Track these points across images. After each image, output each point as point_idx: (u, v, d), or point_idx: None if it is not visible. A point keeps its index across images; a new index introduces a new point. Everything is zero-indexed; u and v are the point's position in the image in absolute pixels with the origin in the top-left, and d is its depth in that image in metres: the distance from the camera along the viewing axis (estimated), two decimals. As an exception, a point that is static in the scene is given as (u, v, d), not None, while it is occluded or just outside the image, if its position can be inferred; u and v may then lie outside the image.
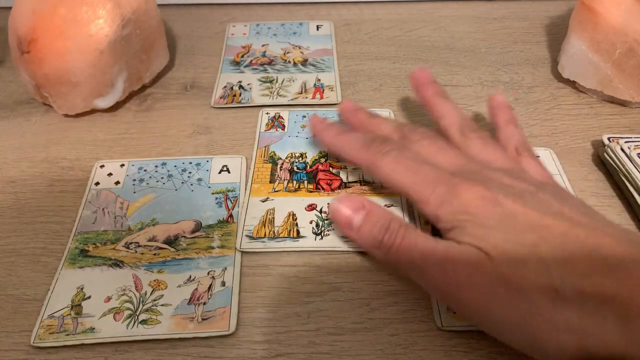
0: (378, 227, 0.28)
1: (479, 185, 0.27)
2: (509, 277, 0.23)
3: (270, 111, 0.42)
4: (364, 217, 0.29)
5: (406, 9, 0.55)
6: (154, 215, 0.34)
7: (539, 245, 0.24)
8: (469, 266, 0.24)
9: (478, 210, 0.26)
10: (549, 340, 0.22)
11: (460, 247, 0.25)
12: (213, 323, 0.28)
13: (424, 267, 0.26)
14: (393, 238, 0.27)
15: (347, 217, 0.29)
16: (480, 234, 0.25)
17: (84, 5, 0.38)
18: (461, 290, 0.25)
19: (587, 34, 0.40)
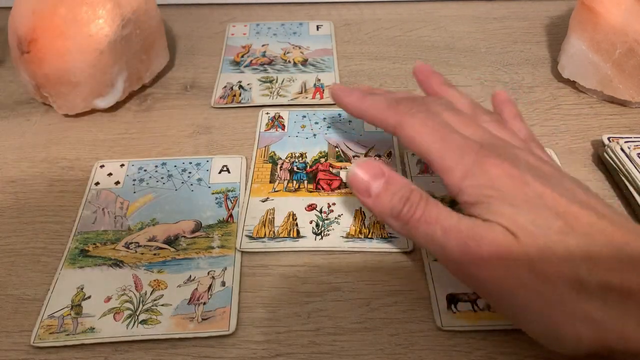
0: (398, 197, 0.26)
1: (508, 162, 0.26)
2: (535, 262, 0.23)
3: (270, 111, 0.42)
4: (384, 185, 0.27)
5: (406, 9, 0.55)
6: (154, 215, 0.34)
7: (567, 233, 0.23)
8: (493, 245, 0.23)
9: (506, 188, 0.25)
10: (568, 330, 0.22)
11: (486, 225, 0.24)
12: (213, 323, 0.28)
13: (445, 243, 0.25)
14: (413, 210, 0.26)
15: (365, 183, 0.27)
16: (508, 212, 0.24)
17: (84, 5, 0.38)
18: (481, 269, 0.24)
19: (587, 34, 0.40)
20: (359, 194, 0.28)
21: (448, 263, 0.26)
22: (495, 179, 0.25)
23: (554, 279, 0.23)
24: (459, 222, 0.25)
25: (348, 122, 0.41)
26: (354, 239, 0.32)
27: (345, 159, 0.38)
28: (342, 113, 0.42)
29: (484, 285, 0.24)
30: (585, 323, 0.22)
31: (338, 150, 0.38)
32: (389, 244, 0.32)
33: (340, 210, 0.34)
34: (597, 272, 0.22)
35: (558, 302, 0.22)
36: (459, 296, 0.29)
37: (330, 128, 0.40)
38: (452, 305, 0.29)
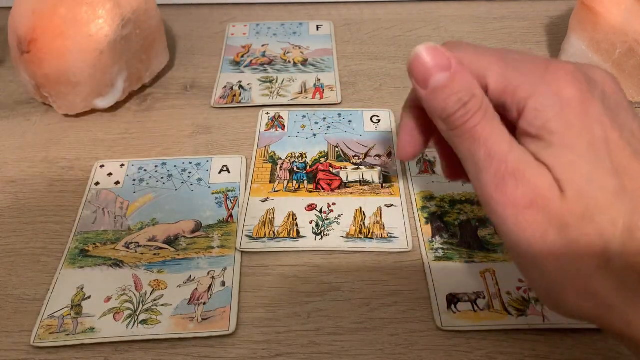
0: (455, 99, 0.23)
1: (584, 82, 0.22)
2: (571, 225, 0.21)
3: (270, 111, 0.42)
4: (447, 80, 0.23)
5: (406, 9, 0.55)
6: (154, 215, 0.34)
7: (618, 197, 0.21)
8: (534, 193, 0.21)
9: (575, 120, 0.22)
10: (572, 301, 0.21)
11: (536, 167, 0.22)
12: (213, 323, 0.28)
13: (483, 168, 0.22)
14: (467, 118, 0.23)
15: (427, 71, 0.24)
16: (567, 160, 0.21)
17: (84, 5, 0.38)
18: (509, 212, 0.22)
19: (587, 34, 0.40)
20: (416, 81, 0.24)
21: (479, 191, 0.23)
22: (567, 104, 0.22)
23: (582, 247, 0.21)
24: (509, 152, 0.22)
25: (348, 122, 0.41)
26: (354, 239, 0.32)
27: (345, 159, 0.38)
28: (342, 113, 0.42)
29: (504, 225, 0.22)
30: (592, 300, 0.21)
31: (338, 150, 0.38)
32: (389, 244, 0.32)
33: (340, 210, 0.34)
34: (629, 252, 0.21)
35: (574, 271, 0.21)
36: (459, 296, 0.29)
37: (330, 128, 0.40)
38: (452, 305, 0.29)
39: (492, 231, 0.32)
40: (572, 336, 0.27)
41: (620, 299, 0.21)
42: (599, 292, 0.21)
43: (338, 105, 0.43)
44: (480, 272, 0.30)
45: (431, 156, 0.37)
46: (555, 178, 0.21)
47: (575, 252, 0.21)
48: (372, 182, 0.36)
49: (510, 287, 0.29)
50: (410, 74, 0.25)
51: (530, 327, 0.28)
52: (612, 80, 0.24)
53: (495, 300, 0.29)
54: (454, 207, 0.34)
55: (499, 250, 0.31)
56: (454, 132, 0.24)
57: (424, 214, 0.34)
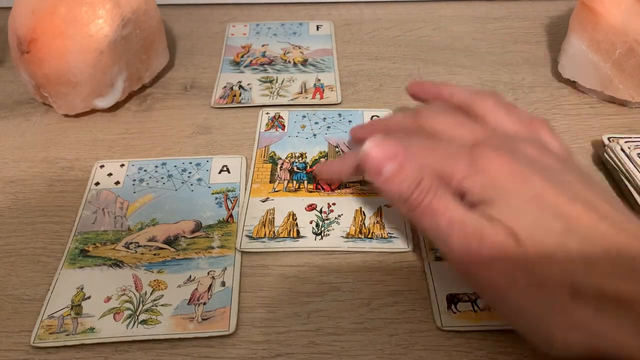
0: (408, 182, 0.26)
1: (506, 156, 0.25)
2: (534, 266, 0.23)
3: (270, 111, 0.42)
4: (396, 168, 0.26)
5: (406, 9, 0.55)
6: (154, 215, 0.34)
7: (567, 236, 0.23)
8: (495, 247, 0.23)
9: (507, 186, 0.25)
10: (559, 335, 0.22)
11: (489, 224, 0.24)
12: (213, 323, 0.28)
13: (448, 236, 0.25)
14: (422, 197, 0.25)
15: (378, 163, 0.26)
16: (511, 213, 0.24)
17: (84, 5, 0.38)
18: (480, 268, 0.24)
19: (587, 34, 0.40)
20: (370, 172, 0.27)
21: (449, 257, 0.26)
22: (496, 176, 0.25)
23: (550, 283, 0.22)
24: (465, 217, 0.25)
25: (348, 122, 0.41)
26: (354, 239, 0.32)
27: (345, 159, 0.38)
28: (342, 113, 0.42)
29: (481, 284, 0.24)
30: (577, 330, 0.22)
31: (338, 150, 0.38)
32: (389, 244, 0.32)
33: (340, 210, 0.34)
34: (594, 278, 0.22)
35: (552, 307, 0.22)
36: (459, 296, 0.29)
37: (330, 128, 0.40)
38: (452, 305, 0.29)
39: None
40: (572, 336, 0.27)
41: (603, 325, 0.22)
42: (582, 322, 0.22)
43: (338, 105, 0.43)
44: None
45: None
46: (507, 228, 0.23)
47: (547, 286, 0.22)
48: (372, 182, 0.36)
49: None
50: (363, 169, 0.27)
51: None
52: (536, 145, 0.27)
53: (496, 300, 0.29)
54: None
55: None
56: (415, 212, 0.26)
57: (424, 214, 0.34)
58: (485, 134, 0.28)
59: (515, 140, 0.27)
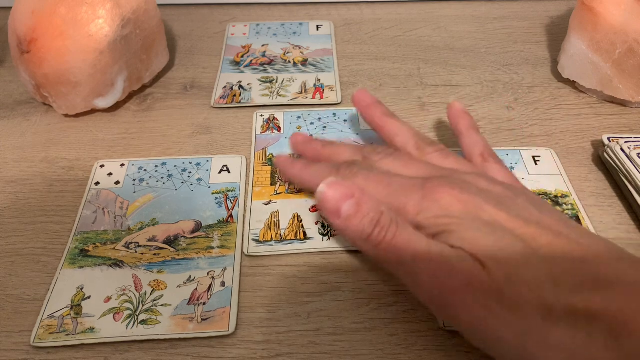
0: (368, 220, 0.26)
1: (456, 188, 0.26)
2: (503, 290, 0.23)
3: (265, 113, 0.42)
4: (354, 207, 0.26)
5: (406, 9, 0.55)
6: (154, 215, 0.34)
7: (528, 256, 0.23)
8: (463, 274, 0.23)
9: (461, 214, 0.25)
10: (540, 359, 0.22)
11: (454, 252, 0.24)
12: (213, 323, 0.28)
13: (415, 269, 0.25)
14: (383, 234, 0.25)
15: (335, 203, 0.26)
16: (470, 237, 0.24)
17: (84, 5, 0.38)
18: (451, 299, 0.24)
19: (587, 34, 0.40)
20: (329, 214, 0.27)
21: (419, 292, 0.26)
22: (448, 206, 0.26)
23: (521, 306, 0.22)
24: (429, 248, 0.25)
25: (343, 121, 0.41)
26: None
27: (345, 159, 0.38)
28: (336, 112, 0.42)
29: (454, 315, 0.24)
30: (557, 351, 0.22)
31: (338, 150, 0.38)
32: None
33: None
34: (562, 294, 0.22)
35: (527, 330, 0.22)
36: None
37: (327, 128, 0.40)
38: (452, 305, 0.29)
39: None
40: (572, 336, 0.27)
41: (578, 342, 0.21)
42: (559, 342, 0.22)
43: (338, 105, 0.43)
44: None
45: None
46: (471, 255, 0.24)
47: (519, 309, 0.22)
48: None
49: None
50: (322, 211, 0.27)
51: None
52: (484, 177, 0.28)
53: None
54: None
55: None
56: (378, 249, 0.26)
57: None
58: (435, 170, 0.29)
59: (464, 174, 0.28)
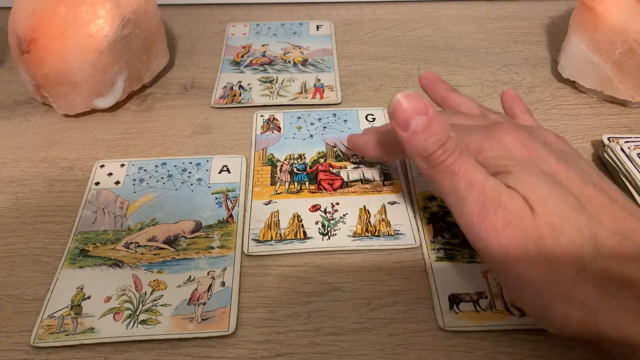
0: (434, 140, 0.25)
1: (523, 133, 0.26)
2: (545, 238, 0.23)
3: (265, 113, 0.42)
4: (424, 124, 0.25)
5: (406, 9, 0.55)
6: (154, 215, 0.34)
7: (580, 212, 0.23)
8: (510, 214, 0.24)
9: (521, 158, 0.25)
10: (559, 310, 0.22)
11: (508, 192, 0.24)
12: (213, 323, 0.28)
13: (465, 198, 0.25)
14: (445, 156, 0.25)
15: (407, 116, 0.26)
16: (527, 181, 0.24)
17: (84, 5, 0.38)
18: (491, 234, 0.24)
19: (587, 34, 0.40)
20: (397, 125, 0.26)
21: (462, 220, 0.25)
22: (511, 148, 0.26)
23: (558, 257, 0.23)
24: (486, 181, 0.25)
25: (343, 121, 0.41)
26: (362, 237, 0.32)
27: (343, 158, 0.38)
28: (336, 113, 0.42)
29: (489, 251, 0.24)
30: (578, 306, 0.22)
31: (336, 150, 0.38)
32: (397, 241, 0.32)
33: (345, 209, 0.34)
34: (601, 256, 0.22)
35: (557, 280, 0.22)
36: (461, 296, 0.29)
37: (327, 128, 0.40)
38: (454, 305, 0.29)
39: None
40: (572, 336, 0.27)
41: (605, 305, 0.22)
42: (584, 299, 0.22)
43: (338, 105, 0.43)
44: (482, 273, 0.30)
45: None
46: (524, 198, 0.24)
47: (554, 261, 0.23)
48: (374, 180, 0.36)
49: (510, 287, 0.29)
50: (391, 119, 0.27)
51: (533, 327, 0.28)
52: (553, 133, 0.28)
53: (498, 300, 0.29)
54: None
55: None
56: (435, 170, 0.26)
57: (426, 214, 0.34)
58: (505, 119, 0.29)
59: (534, 128, 0.29)
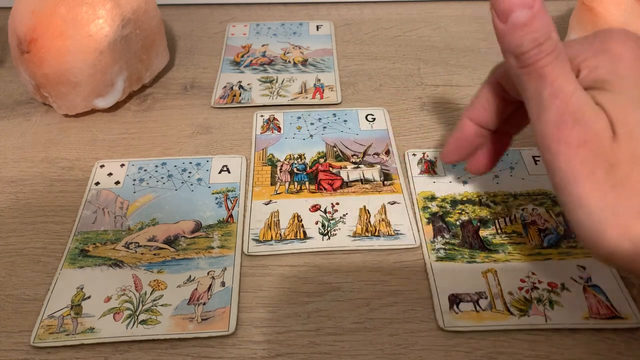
0: (532, 37, 0.23)
1: (634, 41, 0.24)
2: (619, 166, 0.22)
3: (265, 113, 0.42)
4: (527, 18, 0.23)
5: (406, 9, 0.55)
6: (154, 215, 0.34)
7: None
8: (588, 133, 0.22)
9: (628, 74, 0.23)
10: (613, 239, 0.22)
11: (594, 110, 0.23)
12: (213, 323, 0.28)
13: (546, 106, 0.23)
14: (539, 57, 0.23)
15: (510, 5, 0.24)
16: (618, 104, 0.23)
17: (84, 5, 0.38)
18: (562, 149, 0.23)
19: (587, 34, 0.40)
20: (497, 13, 0.24)
21: (536, 126, 0.24)
22: (618, 59, 0.24)
23: (628, 188, 0.22)
24: (573, 93, 0.23)
25: (343, 121, 0.41)
26: (362, 237, 0.32)
27: (343, 158, 0.38)
28: (336, 113, 0.42)
29: (555, 162, 0.23)
30: (631, 241, 0.21)
31: (336, 150, 0.38)
32: (397, 241, 0.32)
33: (345, 209, 0.34)
34: None
35: (617, 210, 0.22)
36: (461, 296, 0.29)
37: (327, 128, 0.40)
38: (454, 305, 0.29)
39: (493, 231, 0.32)
40: (572, 336, 0.27)
41: None
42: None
43: (338, 105, 0.43)
44: (482, 273, 0.30)
45: (432, 156, 0.37)
46: (609, 120, 0.22)
47: (621, 192, 0.22)
48: (373, 180, 0.36)
49: (512, 288, 0.29)
50: (491, 6, 0.25)
51: (532, 328, 0.28)
52: None
53: (498, 300, 0.29)
54: (455, 207, 0.34)
55: (500, 251, 0.31)
56: (523, 70, 0.24)
57: (425, 214, 0.34)
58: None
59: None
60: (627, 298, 0.29)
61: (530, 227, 0.33)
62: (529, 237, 0.32)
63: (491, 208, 0.34)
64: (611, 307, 0.28)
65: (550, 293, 0.29)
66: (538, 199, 0.34)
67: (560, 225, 0.33)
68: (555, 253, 0.31)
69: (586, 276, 0.30)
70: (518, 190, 0.35)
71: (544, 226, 0.33)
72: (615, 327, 0.28)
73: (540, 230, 0.32)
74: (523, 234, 0.32)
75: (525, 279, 0.30)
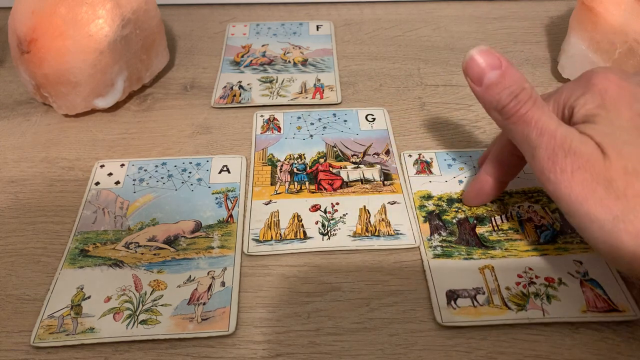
0: (507, 92, 0.27)
1: (618, 74, 0.27)
2: (616, 180, 0.24)
3: (265, 113, 0.42)
4: (498, 77, 0.27)
5: (406, 9, 0.55)
6: (154, 215, 0.34)
7: None
8: (580, 159, 0.24)
9: (612, 103, 0.26)
10: (631, 242, 0.23)
11: (580, 138, 0.25)
12: (213, 323, 0.28)
13: (536, 146, 0.26)
14: (519, 107, 0.26)
15: (481, 70, 0.27)
16: (608, 131, 0.25)
17: (84, 5, 0.38)
18: (560, 177, 0.25)
19: (587, 34, 0.40)
20: (471, 79, 0.28)
21: (534, 164, 0.26)
22: (604, 93, 0.26)
23: (629, 196, 0.23)
24: (557, 129, 0.25)
25: (343, 121, 0.41)
26: (362, 237, 0.32)
27: (343, 158, 0.38)
28: (336, 113, 0.42)
29: (558, 191, 0.25)
30: None
31: (336, 150, 0.38)
32: (397, 241, 0.32)
33: (345, 209, 0.34)
34: None
35: (624, 218, 0.23)
36: (458, 292, 0.29)
37: (327, 128, 0.40)
38: (451, 301, 0.29)
39: (489, 228, 0.32)
40: (572, 336, 0.27)
41: None
42: None
43: (338, 105, 0.43)
44: (479, 269, 0.30)
45: (428, 157, 0.38)
46: (597, 144, 0.24)
47: (625, 201, 0.23)
48: (373, 180, 0.36)
49: (509, 283, 0.29)
50: (465, 74, 0.28)
51: (530, 322, 0.28)
52: None
53: (495, 295, 0.29)
54: (451, 206, 0.34)
55: (497, 247, 0.31)
56: (508, 121, 0.27)
57: (422, 212, 0.34)
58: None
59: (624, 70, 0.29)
60: (624, 291, 0.29)
61: (526, 224, 0.33)
62: (526, 234, 0.32)
63: (487, 206, 0.34)
64: (608, 301, 0.28)
65: (548, 287, 0.29)
66: (534, 196, 0.34)
67: (556, 222, 0.33)
68: (552, 249, 0.31)
69: (583, 270, 0.30)
70: (514, 188, 0.35)
71: (540, 223, 0.33)
72: (613, 319, 0.28)
73: (536, 227, 0.33)
74: (519, 231, 0.32)
75: (522, 275, 0.30)
